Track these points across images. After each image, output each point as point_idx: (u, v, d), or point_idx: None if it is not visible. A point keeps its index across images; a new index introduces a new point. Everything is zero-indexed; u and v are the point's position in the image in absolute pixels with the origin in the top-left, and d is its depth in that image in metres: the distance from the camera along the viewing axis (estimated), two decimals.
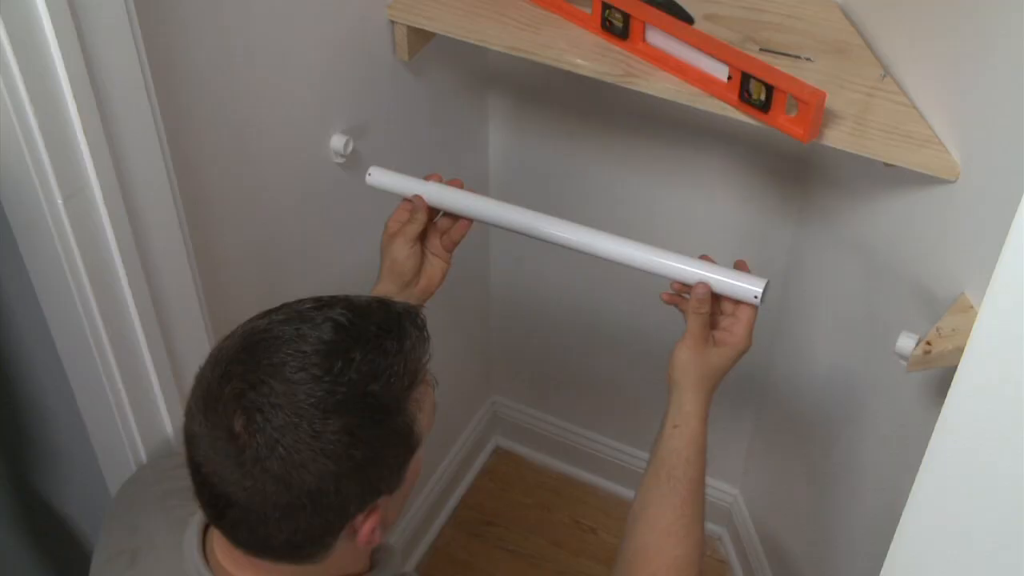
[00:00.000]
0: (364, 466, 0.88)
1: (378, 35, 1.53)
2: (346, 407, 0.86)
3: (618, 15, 1.40)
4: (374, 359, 0.89)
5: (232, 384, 0.87)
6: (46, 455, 1.48)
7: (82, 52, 0.98)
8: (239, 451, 0.86)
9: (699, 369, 1.24)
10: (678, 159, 1.82)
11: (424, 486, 2.26)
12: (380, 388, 0.88)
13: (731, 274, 1.23)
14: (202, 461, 0.89)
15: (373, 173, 1.37)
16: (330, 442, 0.86)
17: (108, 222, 1.08)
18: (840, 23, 1.46)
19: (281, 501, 0.87)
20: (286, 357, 0.87)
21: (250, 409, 0.86)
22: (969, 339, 0.55)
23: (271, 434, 0.85)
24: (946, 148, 1.24)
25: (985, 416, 0.56)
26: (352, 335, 0.89)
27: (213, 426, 0.87)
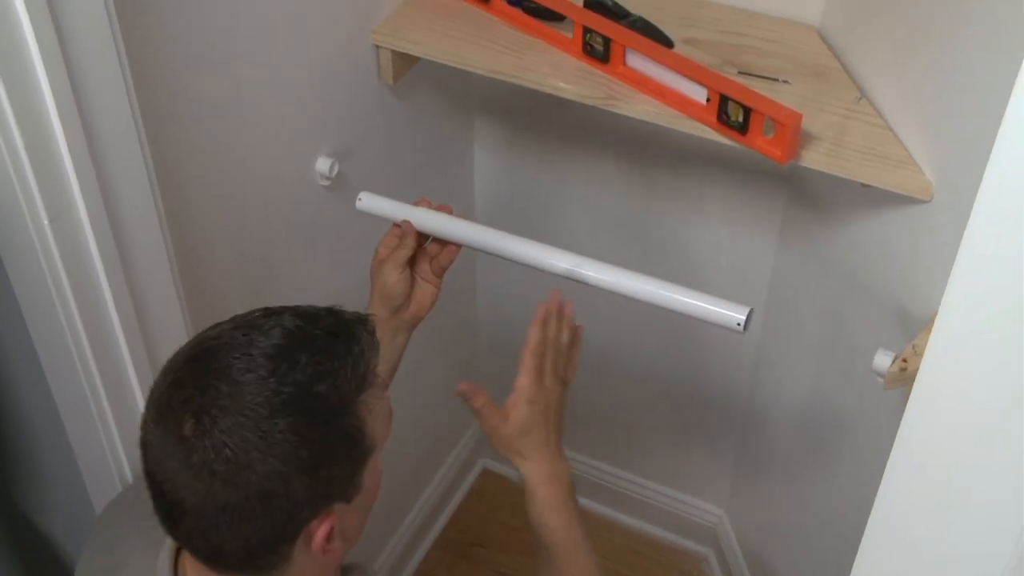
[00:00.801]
0: (313, 467, 0.89)
1: (363, 59, 1.55)
2: (292, 407, 0.87)
3: (599, 39, 1.42)
4: (321, 360, 0.90)
5: (182, 390, 0.88)
6: (31, 473, 1.49)
7: (68, 74, 0.99)
8: (188, 454, 0.87)
9: (500, 437, 1.25)
10: (662, 181, 1.84)
11: (411, 508, 2.26)
12: (326, 389, 0.89)
13: (712, 300, 1.22)
14: (155, 469, 0.90)
15: (363, 198, 1.38)
16: (277, 441, 0.86)
17: (94, 243, 1.09)
18: (817, 47, 1.48)
19: (231, 503, 0.87)
20: (233, 361, 0.88)
21: (199, 412, 0.87)
22: (923, 358, 0.57)
23: (218, 436, 0.86)
24: (920, 169, 1.27)
25: (941, 428, 0.58)
26: (299, 339, 0.90)
27: (164, 432, 0.88)
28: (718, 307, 1.21)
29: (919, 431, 0.59)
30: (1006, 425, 0.53)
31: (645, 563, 2.36)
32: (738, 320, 1.20)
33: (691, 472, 2.25)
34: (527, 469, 1.23)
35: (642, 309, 1.29)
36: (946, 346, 0.56)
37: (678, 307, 1.24)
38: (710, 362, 2.02)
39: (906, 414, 0.60)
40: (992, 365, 0.53)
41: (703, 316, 1.23)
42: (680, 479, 2.28)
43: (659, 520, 2.35)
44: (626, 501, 2.36)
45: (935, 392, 0.57)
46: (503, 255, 1.33)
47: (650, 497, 2.34)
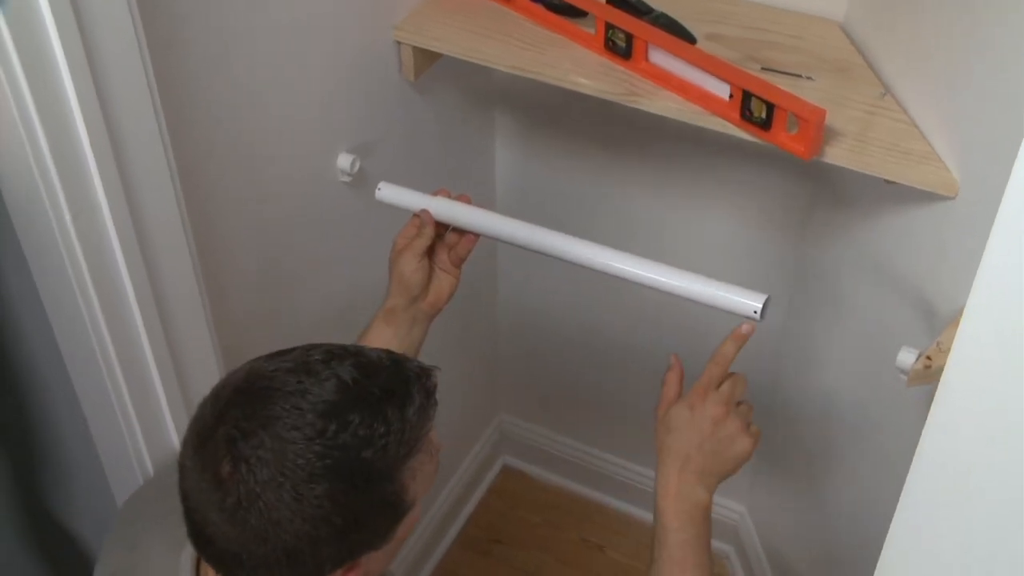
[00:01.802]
0: (345, 531, 0.88)
1: (384, 56, 1.55)
2: (334, 473, 0.85)
3: (621, 35, 1.42)
4: (372, 424, 0.87)
5: (226, 427, 0.86)
6: (54, 468, 1.49)
7: (91, 73, 0.99)
8: (222, 496, 0.86)
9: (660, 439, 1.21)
10: (683, 176, 1.84)
11: (431, 505, 2.27)
12: (373, 455, 0.87)
13: (729, 288, 1.21)
14: (188, 494, 0.89)
15: (382, 188, 1.39)
16: (311, 506, 0.85)
17: (116, 240, 1.10)
18: (841, 43, 1.47)
19: (257, 552, 0.87)
20: (282, 412, 0.85)
21: (238, 458, 0.85)
22: (951, 352, 0.56)
23: (254, 487, 0.84)
24: (945, 165, 1.26)
25: (969, 426, 0.57)
26: (354, 396, 0.87)
27: (202, 465, 0.87)
28: (734, 295, 1.20)
29: (944, 429, 0.59)
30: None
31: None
32: (754, 307, 1.19)
33: None
34: (658, 471, 1.19)
35: (664, 304, 1.29)
36: (972, 344, 0.55)
37: (694, 295, 1.23)
38: None
39: (931, 412, 0.60)
40: (1018, 363, 0.53)
41: (720, 304, 1.21)
42: None
43: None
44: (645, 497, 2.35)
45: (960, 390, 0.57)
46: (522, 244, 1.32)
47: None
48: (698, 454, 1.17)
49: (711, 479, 1.18)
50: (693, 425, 1.19)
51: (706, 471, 1.17)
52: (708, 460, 1.18)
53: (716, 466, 1.18)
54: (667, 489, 1.17)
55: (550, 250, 1.31)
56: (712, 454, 1.18)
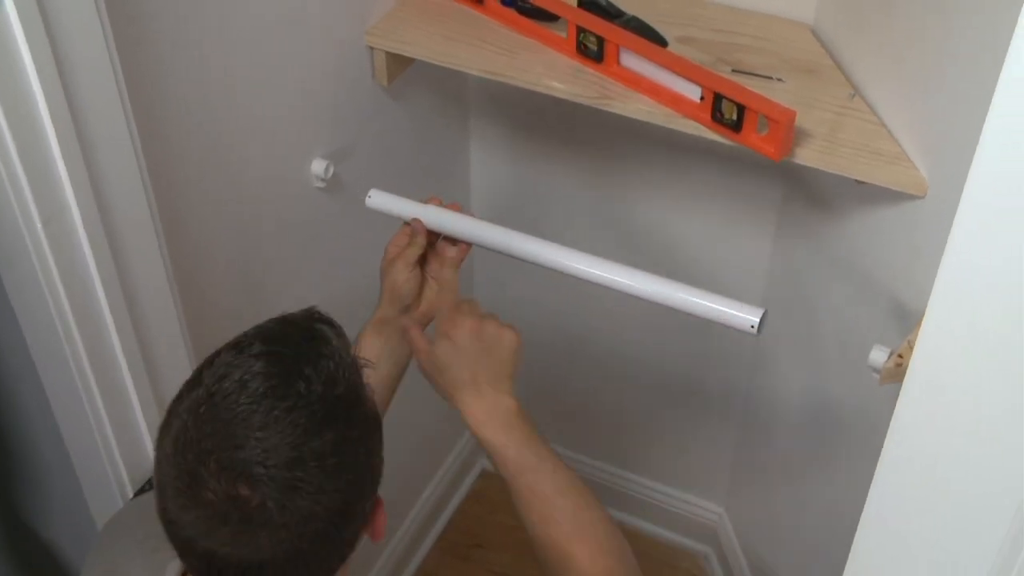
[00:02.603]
0: (366, 462, 0.89)
1: (357, 60, 1.55)
2: (329, 420, 0.85)
3: (593, 39, 1.42)
4: (323, 366, 0.87)
5: (213, 457, 0.83)
6: (29, 480, 1.49)
7: (60, 78, 0.99)
8: (259, 510, 0.82)
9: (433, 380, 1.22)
10: (657, 178, 1.84)
11: (411, 510, 2.26)
12: (343, 390, 0.87)
13: (727, 302, 1.20)
14: (213, 546, 0.85)
15: (373, 195, 1.37)
16: (333, 454, 0.84)
17: (88, 247, 1.09)
18: (811, 45, 1.48)
19: (318, 531, 0.85)
20: (248, 408, 0.83)
21: (246, 469, 0.82)
22: (913, 352, 0.57)
23: (282, 477, 0.82)
24: (914, 165, 1.27)
25: (932, 422, 0.58)
26: (289, 359, 0.87)
27: (214, 507, 0.83)
28: (732, 309, 1.19)
29: (910, 425, 0.60)
30: (996, 419, 0.54)
31: (645, 562, 2.33)
32: (752, 322, 1.18)
33: (691, 470, 2.25)
34: (460, 411, 1.18)
35: (641, 308, 1.29)
36: (936, 340, 0.56)
37: (691, 308, 1.22)
38: (709, 359, 2.02)
39: (897, 408, 0.60)
40: (981, 359, 0.53)
41: (716, 318, 1.21)
42: (680, 477, 2.28)
43: (659, 519, 2.35)
44: (626, 500, 2.36)
45: (925, 386, 0.57)
46: (514, 254, 1.31)
47: (650, 496, 2.34)
48: (480, 369, 1.18)
49: (504, 383, 1.20)
50: (459, 349, 1.19)
51: (495, 378, 1.19)
52: (491, 368, 1.19)
53: (500, 368, 1.20)
54: (477, 417, 1.17)
55: (543, 261, 1.30)
56: (490, 362, 1.19)
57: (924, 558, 0.62)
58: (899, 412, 0.60)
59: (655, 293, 1.24)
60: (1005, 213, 0.51)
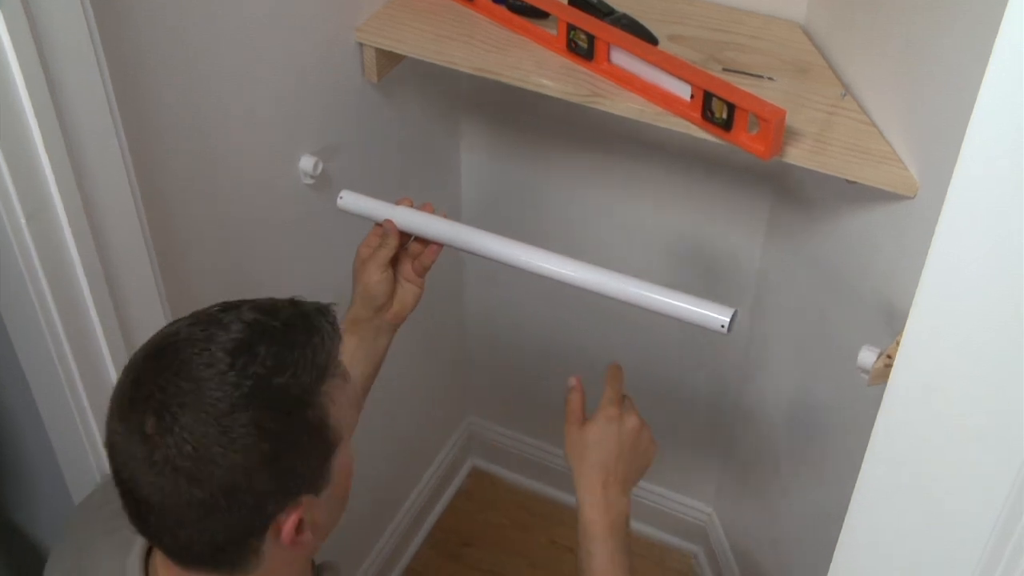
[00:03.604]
0: (275, 459, 0.88)
1: (347, 57, 1.54)
2: (253, 400, 0.87)
3: (583, 36, 1.42)
4: (279, 352, 0.89)
5: (142, 388, 0.88)
6: (13, 473, 1.48)
7: (44, 73, 0.98)
8: (151, 451, 0.86)
9: (571, 448, 1.27)
10: (649, 179, 1.84)
11: (400, 508, 2.26)
12: (287, 380, 0.88)
13: (697, 302, 1.21)
14: (121, 468, 0.89)
15: (344, 197, 1.37)
16: (239, 436, 0.86)
17: (72, 242, 1.08)
18: (802, 44, 1.48)
19: (195, 499, 0.87)
20: (193, 356, 0.87)
21: (160, 410, 0.86)
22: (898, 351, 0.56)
23: (179, 432, 0.85)
24: (904, 165, 1.26)
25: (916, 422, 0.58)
26: (258, 331, 0.89)
27: (127, 431, 0.88)
28: (702, 308, 1.20)
29: (894, 425, 0.59)
30: (979, 418, 0.53)
31: (636, 561, 2.36)
32: (722, 322, 1.19)
33: (680, 470, 2.25)
34: (579, 485, 1.23)
35: (631, 309, 1.29)
36: (919, 340, 0.56)
37: (662, 308, 1.23)
38: (698, 359, 2.02)
39: (881, 408, 0.60)
40: (965, 358, 0.53)
41: (687, 317, 1.22)
42: (669, 477, 2.28)
43: (649, 518, 2.35)
44: None
45: (910, 386, 0.57)
46: (486, 255, 1.32)
47: (640, 495, 2.33)
48: (620, 464, 1.24)
49: (629, 486, 1.25)
50: (616, 437, 1.25)
51: (627, 480, 1.24)
52: (628, 469, 1.25)
53: (634, 474, 1.26)
54: (594, 503, 1.21)
55: (514, 262, 1.30)
56: (631, 463, 1.25)
57: (907, 559, 0.62)
58: (883, 412, 0.60)
59: (625, 293, 1.25)
60: (988, 214, 0.51)
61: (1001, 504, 0.51)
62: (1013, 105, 0.50)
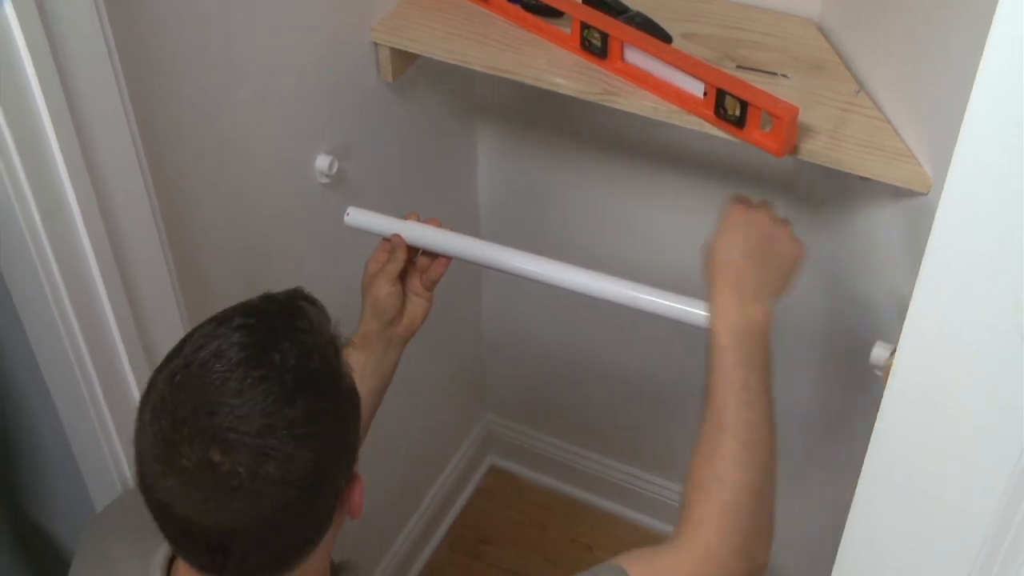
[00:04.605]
0: (340, 434, 0.91)
1: (362, 57, 1.55)
2: (302, 390, 0.87)
3: (597, 35, 1.42)
4: (300, 340, 0.90)
5: (188, 424, 0.85)
6: (33, 475, 1.49)
7: (57, 71, 0.99)
8: (230, 476, 0.84)
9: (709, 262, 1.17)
10: (663, 176, 1.84)
11: (419, 505, 2.27)
12: (319, 362, 0.90)
13: (682, 300, 1.22)
14: (188, 512, 0.86)
15: (351, 213, 1.38)
16: (305, 423, 0.86)
17: (88, 241, 1.09)
18: (817, 41, 1.47)
19: (290, 499, 0.86)
20: (223, 376, 0.86)
21: (219, 435, 0.84)
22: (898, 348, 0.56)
23: (253, 443, 0.84)
24: (918, 161, 1.26)
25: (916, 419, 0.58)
26: (266, 331, 0.90)
27: (188, 469, 0.85)
28: (686, 305, 1.21)
29: (894, 422, 0.59)
30: (977, 416, 0.53)
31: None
32: (706, 316, 1.18)
33: None
34: (711, 294, 1.14)
35: (648, 315, 1.30)
36: (918, 338, 0.56)
37: (646, 307, 1.24)
38: None
39: (883, 405, 0.60)
40: (963, 355, 0.53)
41: (670, 315, 1.23)
42: (678, 472, 2.27)
43: (669, 516, 2.35)
44: (635, 497, 2.36)
45: (909, 384, 0.57)
46: (492, 266, 1.34)
47: (659, 493, 2.33)
48: (749, 266, 1.14)
49: (765, 294, 1.15)
50: (742, 237, 1.16)
51: (763, 285, 1.14)
52: (764, 273, 1.15)
53: (773, 278, 1.16)
54: (720, 311, 1.13)
55: (509, 269, 1.32)
56: (766, 265, 1.15)
57: (907, 554, 0.62)
58: (884, 409, 0.60)
59: (608, 292, 1.26)
60: (983, 212, 0.51)
61: (998, 499, 0.51)
62: (1009, 101, 0.50)
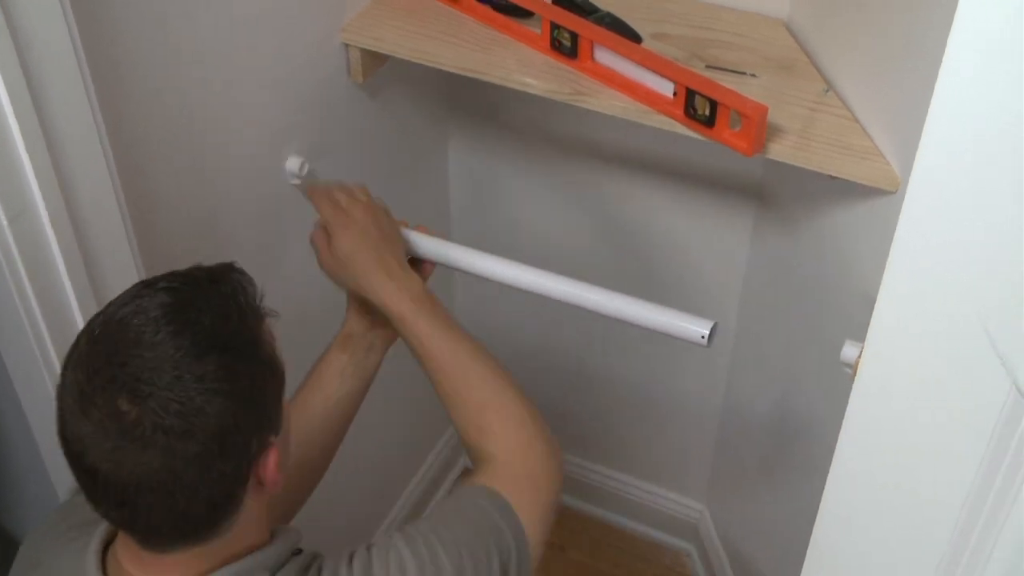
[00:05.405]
0: (251, 398, 0.91)
1: (332, 57, 1.54)
2: (215, 347, 0.88)
3: (567, 35, 1.42)
4: (219, 302, 0.92)
5: (100, 374, 0.87)
6: (3, 483, 1.48)
7: (23, 72, 0.98)
8: (132, 427, 0.86)
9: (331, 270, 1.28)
10: (635, 177, 1.84)
11: (390, 509, 2.26)
12: (236, 325, 0.91)
13: (677, 315, 1.24)
14: (96, 462, 0.88)
15: None
16: (215, 379, 0.87)
17: (55, 244, 1.08)
18: (785, 40, 1.48)
19: (190, 454, 0.87)
20: (140, 328, 0.88)
21: (130, 383, 0.86)
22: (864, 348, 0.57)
23: (160, 395, 0.86)
24: (887, 160, 1.27)
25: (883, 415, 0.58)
26: (189, 291, 0.92)
27: (98, 419, 0.87)
28: (682, 321, 1.23)
29: (862, 415, 0.60)
30: (943, 409, 0.54)
31: (627, 559, 2.36)
32: (702, 333, 1.22)
33: (672, 468, 2.26)
34: (368, 291, 1.23)
35: None
36: (883, 333, 0.56)
37: (643, 322, 1.26)
38: (688, 359, 2.02)
39: (851, 398, 0.60)
40: (927, 349, 0.53)
41: (667, 330, 1.25)
42: (660, 475, 2.28)
43: (641, 516, 2.36)
44: (607, 497, 2.36)
45: (875, 377, 0.57)
46: (474, 272, 1.35)
47: (631, 493, 2.34)
48: (384, 251, 1.24)
49: (400, 262, 1.25)
50: (360, 235, 1.24)
51: (401, 259, 1.26)
52: (393, 248, 1.25)
53: (399, 252, 1.27)
54: (390, 294, 1.22)
55: (501, 278, 1.33)
56: (392, 244, 1.26)
57: (878, 546, 0.62)
58: (852, 402, 0.60)
59: (606, 307, 1.28)
60: (947, 207, 0.51)
61: (968, 489, 0.51)
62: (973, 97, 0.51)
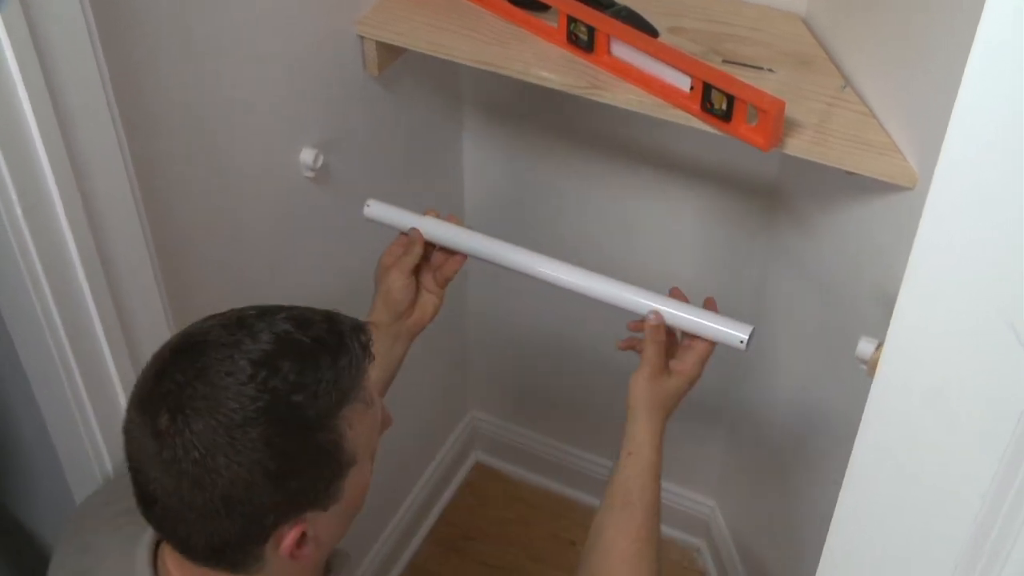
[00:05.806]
0: (280, 476, 0.88)
1: (348, 50, 1.54)
2: (266, 416, 0.86)
3: (584, 28, 1.42)
4: (303, 370, 0.88)
5: (163, 383, 0.89)
6: (14, 469, 1.48)
7: (40, 63, 0.98)
8: (160, 448, 0.87)
9: (654, 398, 1.27)
10: (649, 172, 1.84)
11: (403, 501, 2.26)
12: (304, 400, 0.88)
13: (716, 319, 1.27)
14: (132, 455, 0.91)
15: (371, 205, 1.40)
16: (246, 449, 0.86)
17: (70, 234, 1.08)
18: (803, 35, 1.47)
19: (196, 503, 0.88)
20: (216, 362, 0.88)
21: (175, 409, 0.87)
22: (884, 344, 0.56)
23: (190, 436, 0.86)
24: (904, 156, 1.26)
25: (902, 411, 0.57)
26: (286, 345, 0.89)
27: (142, 422, 0.89)
28: (721, 325, 1.26)
29: (881, 417, 0.59)
30: (964, 405, 0.53)
31: None
32: (741, 338, 1.26)
33: (683, 464, 2.24)
34: (645, 428, 1.26)
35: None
36: (905, 328, 0.55)
37: (681, 325, 1.29)
38: None
39: (871, 395, 0.60)
40: (950, 345, 0.53)
41: (706, 335, 1.28)
42: (672, 471, 2.27)
43: None
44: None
45: (896, 374, 0.57)
46: (509, 267, 1.35)
47: None
48: (674, 405, 1.31)
49: None
50: (686, 391, 1.31)
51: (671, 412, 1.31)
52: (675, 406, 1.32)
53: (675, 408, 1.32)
54: (657, 446, 1.26)
55: (537, 274, 1.34)
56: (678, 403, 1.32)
57: (896, 542, 0.61)
58: (872, 399, 0.60)
59: (645, 309, 1.30)
60: (971, 204, 0.51)
61: (987, 486, 0.51)
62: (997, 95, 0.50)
